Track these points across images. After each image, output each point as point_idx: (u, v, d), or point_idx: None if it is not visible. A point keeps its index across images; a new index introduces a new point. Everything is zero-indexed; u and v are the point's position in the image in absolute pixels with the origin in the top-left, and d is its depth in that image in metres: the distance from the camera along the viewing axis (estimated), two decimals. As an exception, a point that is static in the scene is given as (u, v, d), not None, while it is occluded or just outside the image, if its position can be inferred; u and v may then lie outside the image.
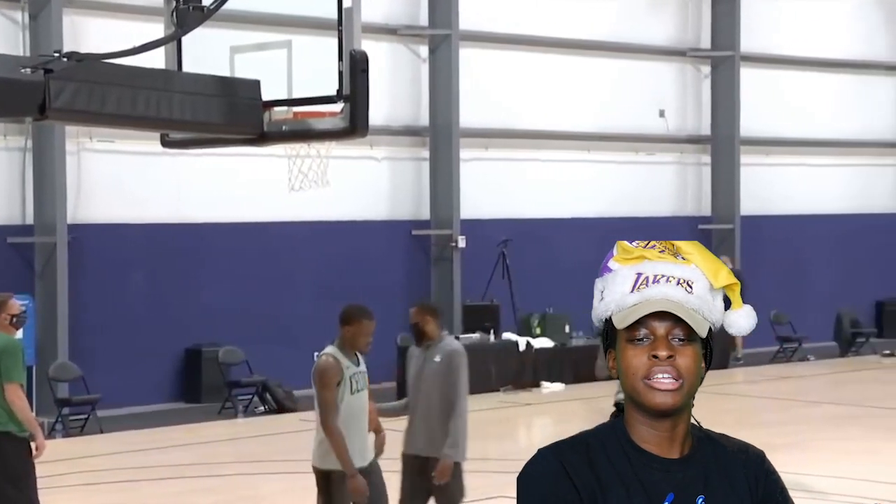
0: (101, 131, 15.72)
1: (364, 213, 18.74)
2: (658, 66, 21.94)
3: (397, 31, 18.98)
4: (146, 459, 12.97)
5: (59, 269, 15.74)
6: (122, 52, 6.43)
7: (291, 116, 7.26)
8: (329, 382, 7.20)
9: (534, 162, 20.37)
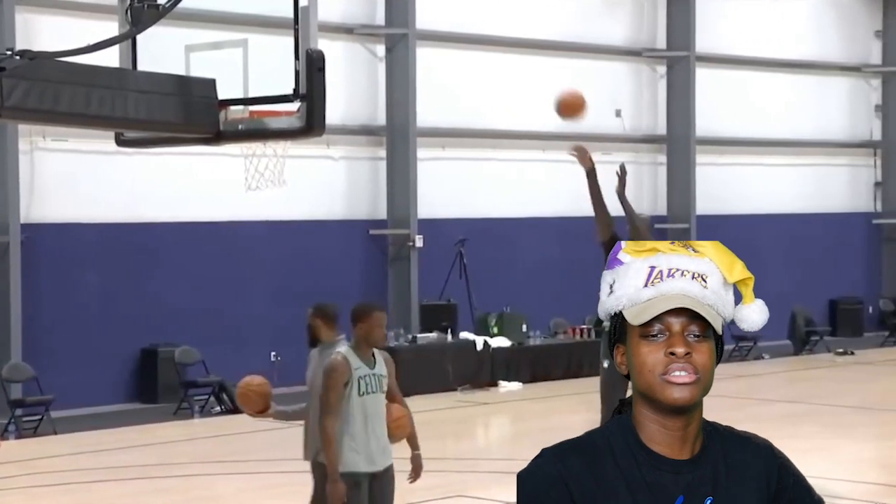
0: (54, 130, 15.59)
1: (321, 212, 18.70)
2: (614, 66, 22.03)
3: (354, 30, 18.95)
4: (101, 460, 12.88)
5: (13, 269, 15.59)
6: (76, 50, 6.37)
7: (247, 115, 7.23)
8: (334, 382, 6.98)
9: (491, 161, 20.40)
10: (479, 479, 11.44)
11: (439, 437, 14.12)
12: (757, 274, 2.40)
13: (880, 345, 22.99)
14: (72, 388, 15.79)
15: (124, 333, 16.61)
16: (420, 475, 7.57)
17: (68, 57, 6.42)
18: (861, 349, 22.15)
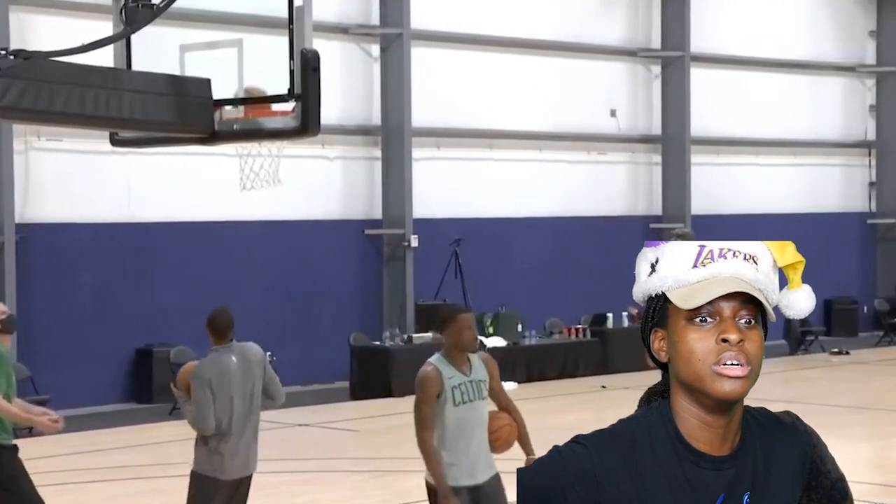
0: (49, 130, 15.58)
1: (316, 212, 18.69)
2: (609, 66, 22.04)
3: (349, 30, 18.94)
4: (97, 461, 12.87)
5: (7, 270, 15.58)
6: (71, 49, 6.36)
7: (242, 115, 7.22)
8: (426, 396, 6.58)
9: (486, 161, 20.40)
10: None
11: (435, 437, 14.12)
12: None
13: (875, 344, 23.02)
14: (67, 388, 15.77)
15: (119, 333, 16.59)
16: None
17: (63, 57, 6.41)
18: (856, 349, 22.18)
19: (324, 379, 18.31)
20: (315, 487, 11.28)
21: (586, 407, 16.51)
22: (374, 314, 19.18)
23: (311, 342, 18.17)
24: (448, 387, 6.58)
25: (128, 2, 6.84)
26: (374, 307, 19.24)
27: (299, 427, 14.93)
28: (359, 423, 15.58)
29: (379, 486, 11.42)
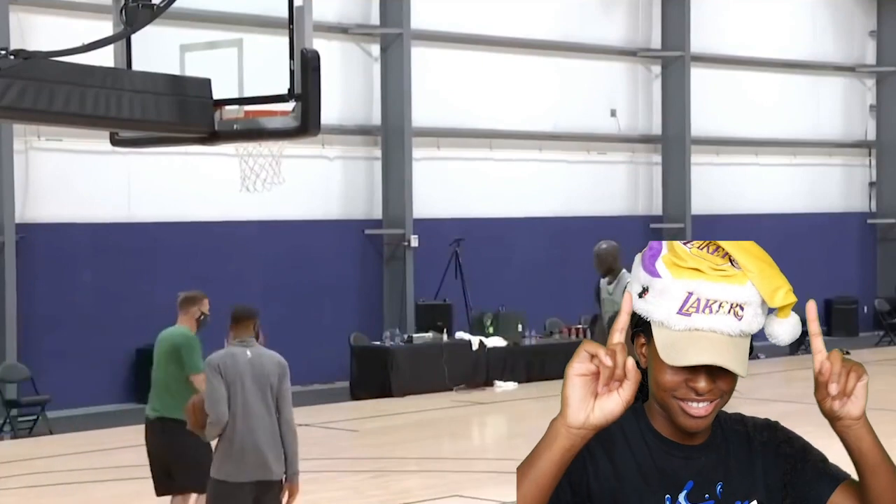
0: (49, 130, 15.58)
1: (316, 212, 18.69)
2: (609, 66, 22.04)
3: (349, 30, 18.94)
4: (96, 461, 12.87)
5: (7, 269, 15.58)
6: (71, 49, 6.36)
7: (242, 115, 7.22)
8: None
9: (486, 161, 20.40)
10: (474, 479, 11.44)
11: (435, 436, 14.15)
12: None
13: (875, 344, 23.03)
14: (68, 388, 15.77)
15: (119, 333, 16.59)
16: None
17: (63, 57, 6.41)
18: (856, 349, 22.16)
19: (324, 379, 18.31)
20: (315, 487, 11.28)
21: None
22: (374, 314, 19.18)
23: (311, 342, 18.16)
24: None
25: (128, 2, 6.85)
26: (374, 307, 19.24)
27: (299, 426, 14.91)
28: (359, 423, 15.59)
29: (379, 485, 11.42)
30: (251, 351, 7.42)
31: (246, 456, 7.26)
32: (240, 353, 7.38)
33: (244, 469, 7.26)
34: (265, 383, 7.35)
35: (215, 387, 7.28)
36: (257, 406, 7.31)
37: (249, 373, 7.32)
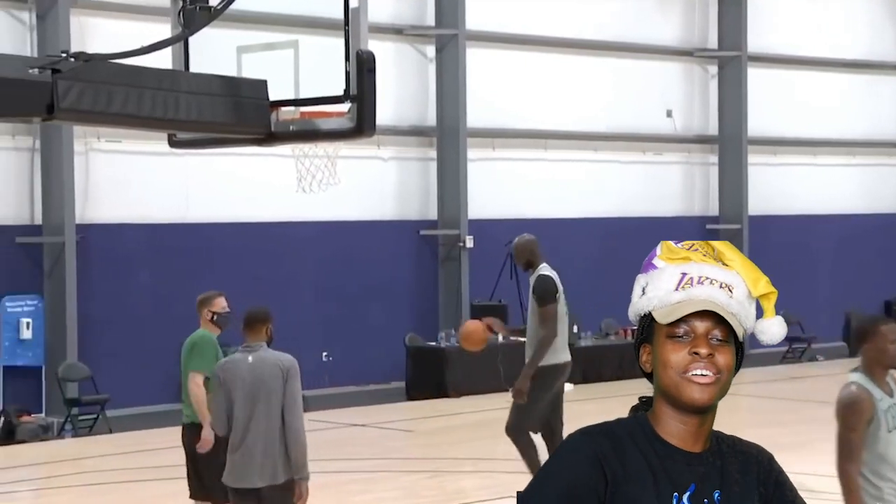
0: (108, 131, 15.74)
1: (371, 213, 18.75)
2: (665, 66, 21.93)
3: (404, 31, 18.98)
4: (152, 459, 12.98)
5: (68, 269, 15.75)
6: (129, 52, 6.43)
7: (298, 116, 7.26)
8: (855, 422, 5.61)
9: (541, 162, 20.37)
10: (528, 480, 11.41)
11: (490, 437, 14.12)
12: (810, 274, 2.43)
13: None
14: (126, 388, 15.93)
15: (176, 333, 16.66)
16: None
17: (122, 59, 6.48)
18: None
19: (379, 379, 18.36)
20: (370, 487, 11.32)
21: (642, 408, 16.42)
22: (429, 315, 19.20)
23: (366, 343, 18.22)
24: (879, 409, 5.66)
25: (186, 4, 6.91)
26: (429, 308, 19.26)
27: (355, 427, 14.98)
28: (414, 424, 15.61)
29: (433, 486, 11.43)
30: (253, 356, 7.30)
31: (246, 462, 7.23)
32: (241, 360, 7.32)
33: (245, 475, 7.24)
34: (264, 389, 7.22)
35: (215, 397, 7.33)
36: (255, 413, 7.22)
37: (248, 379, 7.23)
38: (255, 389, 7.21)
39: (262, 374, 7.24)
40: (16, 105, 6.29)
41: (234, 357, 7.39)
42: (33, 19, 15.72)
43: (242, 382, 7.24)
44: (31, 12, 15.72)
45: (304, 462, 7.23)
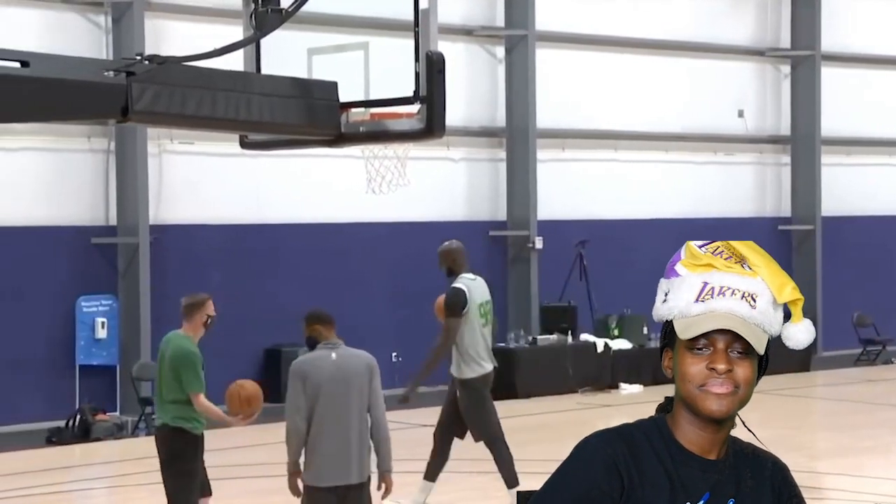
0: (181, 133, 15.91)
1: (441, 213, 18.77)
2: (737, 66, 21.74)
3: (473, 31, 18.99)
4: (223, 458, 13.10)
5: (142, 270, 15.95)
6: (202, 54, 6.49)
7: (368, 117, 7.29)
8: None
9: (611, 162, 20.28)
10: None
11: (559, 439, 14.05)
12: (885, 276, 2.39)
13: None
14: (197, 387, 16.06)
15: (248, 334, 16.87)
16: None
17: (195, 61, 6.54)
18: None
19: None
20: (441, 487, 11.33)
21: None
22: (498, 315, 19.16)
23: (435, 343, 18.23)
24: None
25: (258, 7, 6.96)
26: (498, 308, 19.17)
27: (425, 427, 15.00)
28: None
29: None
30: (336, 353, 7.30)
31: (328, 461, 7.21)
32: (325, 357, 7.30)
33: (326, 474, 7.23)
34: (352, 385, 7.23)
35: (294, 396, 7.25)
36: (343, 410, 7.22)
37: (334, 376, 7.21)
38: (345, 386, 7.21)
39: (349, 370, 7.25)
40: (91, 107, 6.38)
41: (318, 354, 7.33)
42: (109, 23, 15.94)
43: (330, 379, 7.21)
44: (106, 16, 15.94)
45: (391, 454, 7.37)
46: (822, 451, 13.76)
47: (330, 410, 7.22)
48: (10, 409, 15.19)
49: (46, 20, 15.60)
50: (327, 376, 7.23)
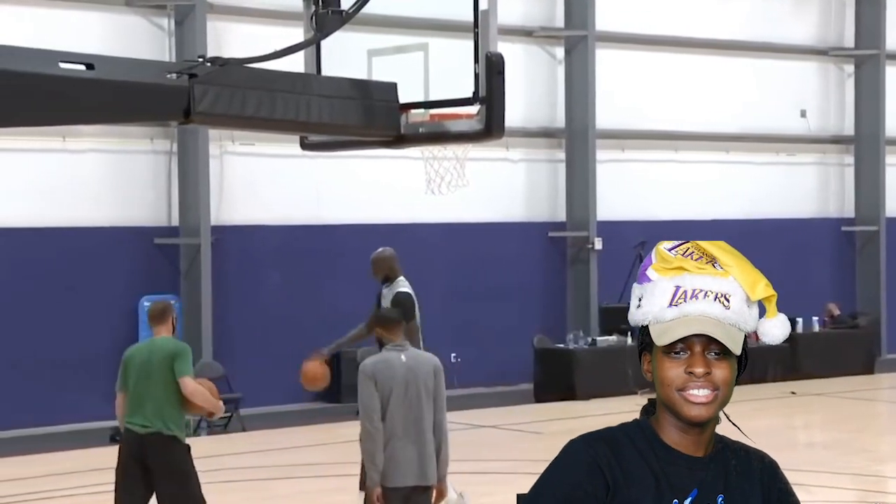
0: (242, 134, 16.03)
1: (500, 214, 18.77)
2: (799, 66, 21.53)
3: (533, 32, 18.96)
4: (284, 458, 13.18)
5: (203, 270, 16.08)
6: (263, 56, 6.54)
7: (428, 119, 7.30)
8: None
9: (671, 163, 20.17)
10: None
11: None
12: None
13: None
14: (258, 387, 16.20)
15: (307, 333, 16.93)
16: None
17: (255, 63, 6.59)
18: None
19: (507, 381, 18.37)
20: (499, 488, 11.32)
21: (775, 413, 16.16)
22: (557, 316, 19.15)
23: (494, 344, 18.25)
24: None
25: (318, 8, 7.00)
26: (557, 309, 19.21)
27: (482, 428, 15.01)
28: (542, 426, 15.58)
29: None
30: (406, 355, 7.33)
31: (400, 461, 7.23)
32: (394, 358, 7.31)
33: (398, 474, 7.24)
34: (421, 387, 7.25)
35: (368, 398, 7.24)
36: (413, 411, 7.24)
37: (404, 377, 7.23)
38: (413, 388, 7.24)
39: (418, 372, 7.28)
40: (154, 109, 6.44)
41: (388, 356, 7.35)
42: (171, 25, 16.10)
43: (401, 381, 7.23)
44: (169, 18, 16.10)
45: (447, 461, 7.37)
46: (886, 454, 13.60)
47: (400, 412, 7.24)
48: (75, 407, 15.39)
49: (110, 23, 15.78)
50: (398, 378, 7.26)
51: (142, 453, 8.00)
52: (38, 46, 6.19)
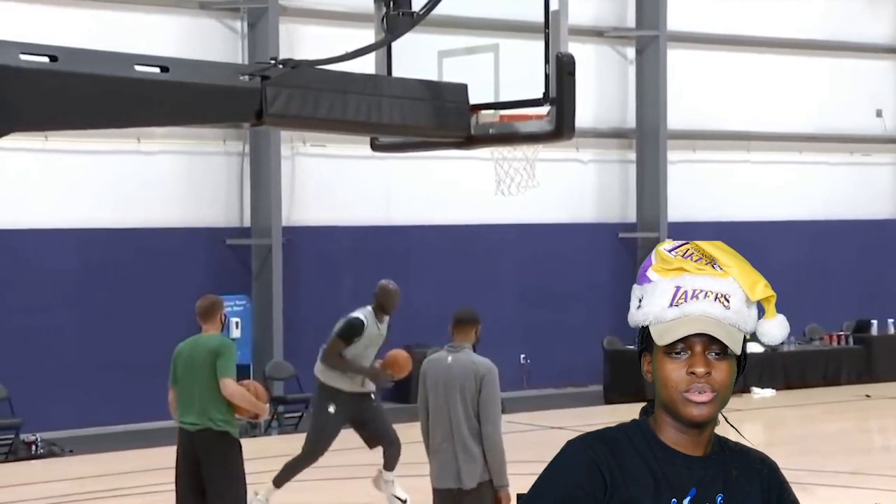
0: (314, 136, 16.14)
1: (570, 215, 18.72)
2: (875, 65, 21.25)
3: (604, 32, 18.89)
4: (355, 458, 13.23)
5: (275, 271, 16.21)
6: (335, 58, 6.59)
7: (498, 119, 7.31)
8: None
9: (743, 164, 19.99)
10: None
11: (689, 443, 13.90)
12: None
13: None
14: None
15: (378, 334, 17.00)
16: None
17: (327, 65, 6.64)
18: None
19: (577, 382, 18.31)
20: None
21: (849, 416, 15.97)
22: (626, 318, 19.03)
23: (564, 345, 18.20)
24: None
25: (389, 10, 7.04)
26: (626, 311, 19.07)
27: (552, 430, 14.98)
28: (612, 427, 15.49)
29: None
30: (453, 357, 7.28)
31: (434, 462, 7.27)
32: (441, 359, 7.32)
33: (436, 475, 7.28)
34: (459, 392, 7.17)
35: (419, 395, 7.37)
36: (448, 413, 7.19)
37: (444, 380, 7.22)
38: (450, 391, 7.20)
39: (455, 376, 7.21)
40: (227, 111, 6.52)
41: (438, 356, 7.42)
42: (244, 28, 16.25)
43: (439, 382, 7.25)
44: (242, 21, 16.25)
45: (501, 470, 7.14)
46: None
47: (437, 412, 7.26)
48: (148, 407, 15.56)
49: (185, 26, 15.96)
50: (438, 378, 7.28)
51: (193, 451, 8.09)
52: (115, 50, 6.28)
